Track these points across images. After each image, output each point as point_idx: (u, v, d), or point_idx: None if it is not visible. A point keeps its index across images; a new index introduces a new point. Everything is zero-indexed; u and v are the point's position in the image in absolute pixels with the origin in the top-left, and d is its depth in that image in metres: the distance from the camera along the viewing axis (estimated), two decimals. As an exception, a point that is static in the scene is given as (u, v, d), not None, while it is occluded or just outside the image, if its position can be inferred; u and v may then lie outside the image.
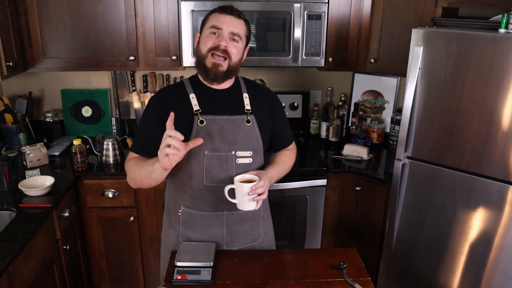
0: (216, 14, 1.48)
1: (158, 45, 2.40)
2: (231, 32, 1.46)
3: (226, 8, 1.48)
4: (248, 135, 1.54)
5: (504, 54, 1.67)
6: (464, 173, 1.89)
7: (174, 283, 1.38)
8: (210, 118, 1.50)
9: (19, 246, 1.62)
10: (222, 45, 1.45)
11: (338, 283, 1.41)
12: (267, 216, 1.73)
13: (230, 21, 1.46)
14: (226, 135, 1.51)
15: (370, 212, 2.41)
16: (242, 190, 1.40)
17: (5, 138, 2.48)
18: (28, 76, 2.71)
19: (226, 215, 1.57)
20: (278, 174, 1.61)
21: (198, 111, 1.50)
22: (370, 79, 2.82)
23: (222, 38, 1.45)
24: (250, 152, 1.53)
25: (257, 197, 1.40)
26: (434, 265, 2.08)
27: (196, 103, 1.51)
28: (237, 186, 1.42)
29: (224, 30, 1.45)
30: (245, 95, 1.59)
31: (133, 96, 2.79)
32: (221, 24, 1.45)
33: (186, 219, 1.58)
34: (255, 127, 1.55)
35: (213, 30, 1.46)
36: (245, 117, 1.54)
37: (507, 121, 1.72)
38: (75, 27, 2.34)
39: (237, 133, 1.52)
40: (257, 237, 1.67)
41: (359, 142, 2.65)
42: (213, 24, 1.46)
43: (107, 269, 2.49)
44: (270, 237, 1.76)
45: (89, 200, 2.32)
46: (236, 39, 1.48)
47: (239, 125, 1.53)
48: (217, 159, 1.50)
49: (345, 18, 2.43)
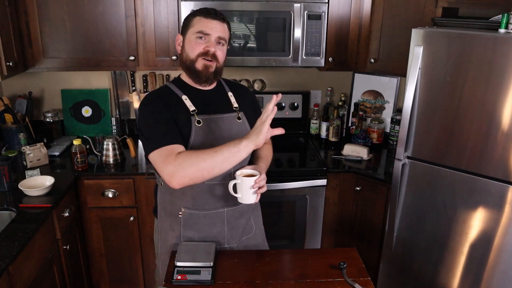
0: (201, 19, 1.51)
1: (158, 45, 2.40)
2: (218, 37, 1.51)
3: (211, 13, 1.51)
4: (241, 131, 1.59)
5: (504, 54, 1.67)
6: (464, 173, 1.89)
7: (174, 283, 1.38)
8: (206, 118, 1.54)
9: (19, 246, 1.62)
10: (212, 51, 1.51)
11: (338, 283, 1.41)
12: (255, 207, 1.77)
13: (216, 26, 1.51)
14: (221, 133, 1.55)
15: (370, 212, 2.41)
16: (246, 184, 1.44)
17: (5, 138, 2.48)
18: (28, 76, 2.71)
19: (226, 211, 1.60)
20: (266, 168, 1.67)
21: (194, 111, 1.53)
22: (370, 79, 2.82)
23: (210, 44, 1.51)
24: None
25: (258, 190, 1.44)
26: (434, 265, 2.08)
27: (190, 104, 1.54)
28: (241, 181, 1.45)
29: (212, 36, 1.51)
30: (229, 93, 1.66)
31: (133, 96, 2.79)
32: (209, 30, 1.50)
33: (187, 220, 1.59)
34: (245, 123, 1.62)
35: (200, 35, 1.50)
36: (235, 114, 1.61)
37: (507, 121, 1.72)
38: (75, 27, 2.34)
39: (231, 130, 1.57)
40: (250, 229, 1.72)
41: (359, 142, 2.65)
42: (200, 30, 1.50)
43: (107, 269, 2.49)
44: (261, 228, 1.80)
45: (89, 200, 2.32)
46: (222, 42, 1.54)
47: (231, 122, 1.58)
48: None
49: (345, 18, 2.43)
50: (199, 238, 1.60)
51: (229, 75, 2.82)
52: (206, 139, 1.51)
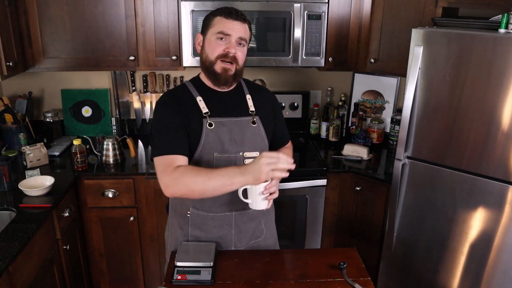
0: (222, 19, 1.47)
1: (158, 45, 2.40)
2: (239, 37, 1.48)
3: (232, 13, 1.47)
4: (255, 135, 1.57)
5: (504, 54, 1.67)
6: (464, 173, 1.89)
7: (174, 283, 1.38)
8: (218, 121, 1.52)
9: (19, 246, 1.62)
10: (232, 52, 1.47)
11: (338, 283, 1.41)
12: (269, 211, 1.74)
13: (237, 27, 1.47)
14: (234, 137, 1.53)
15: (370, 212, 2.41)
16: (256, 190, 1.41)
17: (5, 138, 2.48)
18: (28, 76, 2.71)
19: (234, 215, 1.59)
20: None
21: (207, 113, 1.51)
22: (370, 79, 2.82)
23: (231, 45, 1.47)
24: (257, 152, 1.56)
25: (269, 196, 1.42)
26: (434, 265, 2.08)
27: (204, 106, 1.52)
28: (250, 187, 1.43)
29: (232, 37, 1.46)
30: (248, 96, 1.61)
31: (133, 96, 2.79)
32: (229, 31, 1.46)
33: (195, 220, 1.59)
34: (260, 127, 1.59)
35: (221, 36, 1.46)
36: (250, 118, 1.57)
37: (507, 121, 1.72)
38: (75, 27, 2.34)
39: (244, 134, 1.54)
40: (260, 233, 1.69)
41: (359, 142, 2.65)
42: (221, 30, 1.46)
43: (107, 269, 2.49)
44: (273, 232, 1.78)
45: (89, 200, 2.32)
46: (242, 43, 1.50)
47: (245, 126, 1.55)
48: (226, 160, 1.52)
49: (345, 18, 2.43)
50: (206, 239, 1.60)
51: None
52: (217, 142, 1.50)
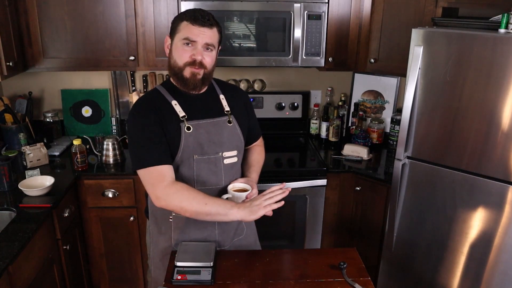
0: (188, 25, 1.45)
1: (158, 45, 2.40)
2: (206, 43, 1.47)
3: (198, 19, 1.44)
4: (232, 135, 1.59)
5: (504, 54, 1.67)
6: (464, 173, 1.89)
7: (174, 283, 1.38)
8: (195, 123, 1.52)
9: (19, 246, 1.62)
10: (198, 59, 1.47)
11: (338, 283, 1.41)
12: None
13: (203, 33, 1.45)
14: (212, 138, 1.54)
15: (370, 212, 2.41)
16: (237, 199, 1.46)
17: (5, 138, 2.48)
18: (28, 76, 2.71)
19: None
20: (258, 175, 1.70)
21: (184, 117, 1.51)
22: (370, 79, 2.82)
23: (197, 52, 1.46)
24: (235, 151, 1.59)
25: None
26: (434, 265, 2.08)
27: (180, 110, 1.52)
28: (233, 196, 1.47)
29: (198, 43, 1.46)
30: (221, 96, 1.63)
31: (133, 96, 2.79)
32: (195, 37, 1.45)
33: (178, 224, 1.59)
34: (236, 126, 1.61)
35: (186, 42, 1.46)
36: (226, 118, 1.59)
37: (507, 121, 1.72)
38: (75, 27, 2.34)
39: (221, 135, 1.56)
40: (241, 231, 1.72)
41: (359, 142, 2.65)
42: (186, 36, 1.45)
43: (107, 269, 2.49)
44: (252, 228, 1.80)
45: (89, 200, 2.32)
46: (210, 48, 1.49)
47: (222, 126, 1.57)
48: (206, 162, 1.54)
49: (345, 18, 2.43)
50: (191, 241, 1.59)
51: (229, 75, 2.82)
52: (197, 145, 1.51)
